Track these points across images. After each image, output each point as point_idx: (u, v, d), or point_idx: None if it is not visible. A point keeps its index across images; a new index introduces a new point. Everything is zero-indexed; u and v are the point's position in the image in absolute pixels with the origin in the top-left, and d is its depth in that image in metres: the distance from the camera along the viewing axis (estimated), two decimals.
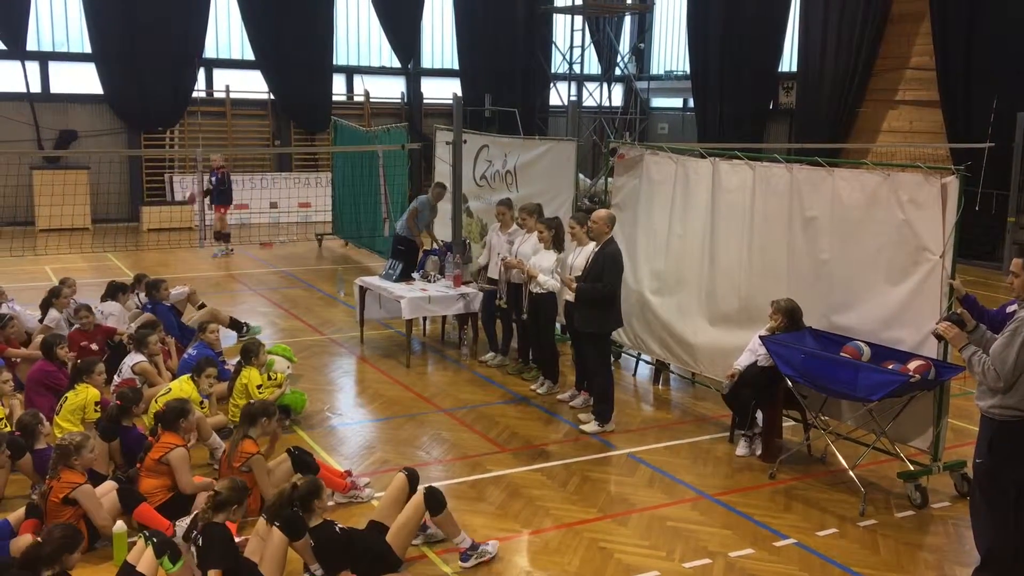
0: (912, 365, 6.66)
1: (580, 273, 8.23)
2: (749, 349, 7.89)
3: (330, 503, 6.63)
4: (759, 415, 7.89)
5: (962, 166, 6.86)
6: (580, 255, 8.41)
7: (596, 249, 8.17)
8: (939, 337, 5.83)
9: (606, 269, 8.03)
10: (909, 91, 19.28)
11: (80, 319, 9.23)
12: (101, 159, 18.88)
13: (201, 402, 7.75)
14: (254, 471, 6.40)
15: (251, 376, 8.02)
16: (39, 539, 5.21)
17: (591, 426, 8.29)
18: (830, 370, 6.91)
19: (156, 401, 7.49)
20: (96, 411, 7.28)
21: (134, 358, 8.46)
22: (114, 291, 10.23)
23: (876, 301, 7.24)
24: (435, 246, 12.26)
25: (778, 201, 8.06)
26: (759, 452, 7.78)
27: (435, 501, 5.81)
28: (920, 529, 6.57)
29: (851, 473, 7.02)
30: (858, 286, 7.39)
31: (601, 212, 8.30)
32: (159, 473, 6.29)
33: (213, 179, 16.41)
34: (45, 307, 9.80)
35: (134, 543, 5.55)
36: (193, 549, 5.25)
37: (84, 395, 7.36)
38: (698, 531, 6.41)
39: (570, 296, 8.41)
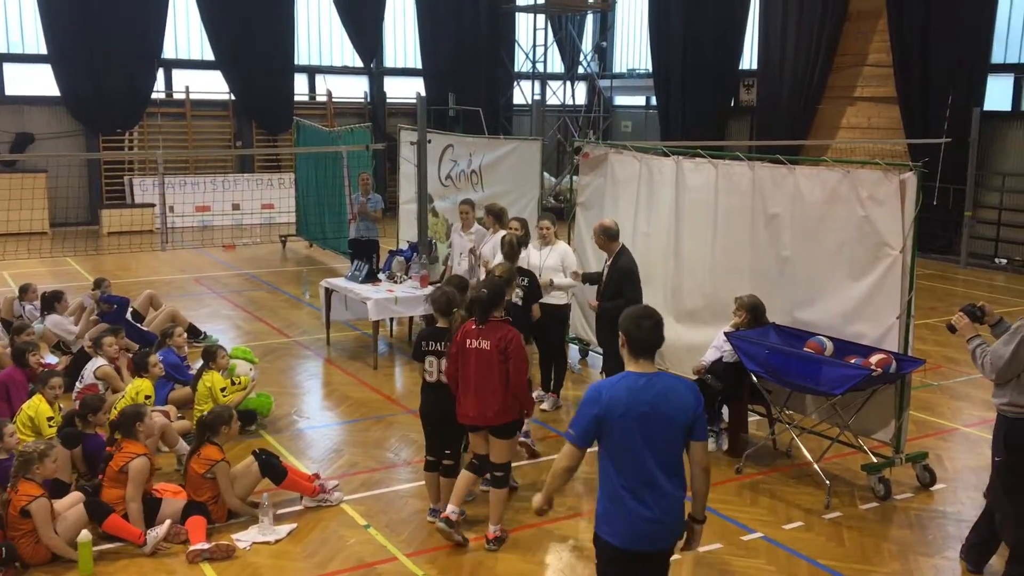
0: (874, 359, 6.76)
1: (551, 271, 8.28)
2: (714, 346, 7.96)
3: (299, 507, 6.63)
4: (725, 410, 7.97)
5: (920, 162, 6.97)
6: (551, 255, 8.45)
7: (608, 263, 7.97)
8: (952, 329, 5.77)
9: (624, 284, 7.75)
10: (867, 88, 19.54)
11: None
12: (59, 162, 18.61)
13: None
14: (218, 478, 6.34)
15: (214, 380, 7.94)
16: None
17: None
18: (794, 365, 7.00)
19: (116, 408, 7.39)
20: (50, 427, 7.03)
21: (95, 363, 8.35)
22: (50, 303, 10.05)
23: (838, 296, 7.34)
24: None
25: (741, 199, 8.14)
26: (725, 447, 7.86)
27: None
28: (884, 520, 6.67)
29: (816, 466, 7.11)
30: (820, 282, 7.49)
31: (595, 226, 8.10)
32: (122, 483, 6.18)
33: None
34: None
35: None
36: None
37: (35, 408, 7.13)
38: None
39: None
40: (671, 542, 4.20)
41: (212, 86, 21.36)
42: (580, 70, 25.50)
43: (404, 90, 23.40)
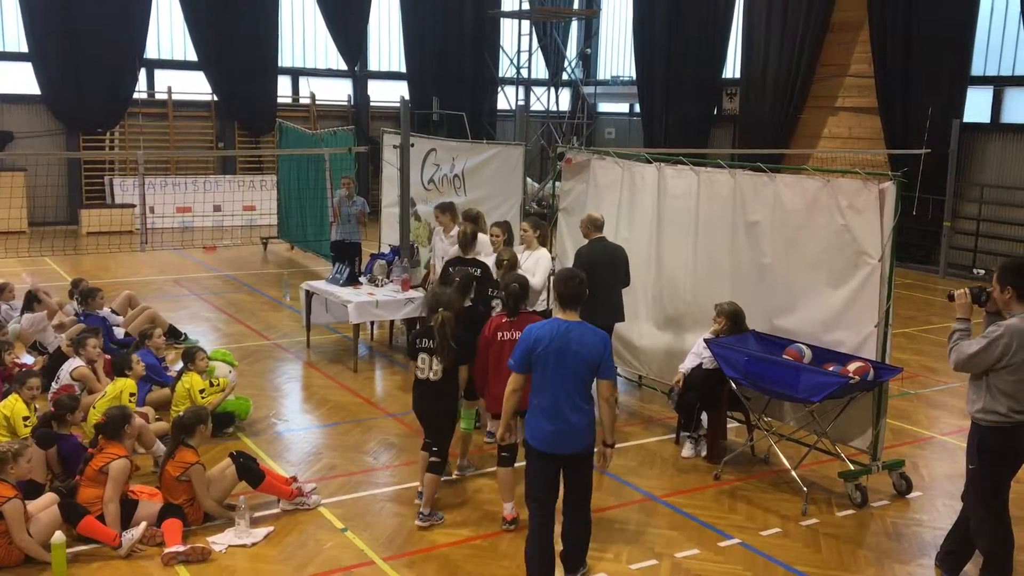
0: (852, 367, 6.81)
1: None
2: (694, 352, 7.99)
3: (276, 510, 6.59)
4: (704, 417, 8.00)
5: (899, 172, 7.02)
6: (530, 259, 8.44)
7: None
8: (951, 297, 5.71)
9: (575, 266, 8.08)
10: (848, 98, 19.69)
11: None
12: (38, 161, 18.43)
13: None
14: (193, 481, 6.29)
15: (193, 381, 7.91)
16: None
17: None
18: (773, 372, 7.03)
19: (95, 407, 7.33)
20: (26, 427, 6.95)
21: (72, 363, 8.28)
22: (29, 302, 9.99)
23: (817, 304, 7.38)
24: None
25: (722, 206, 8.18)
26: (704, 453, 7.88)
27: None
28: (860, 527, 6.70)
29: (793, 473, 7.15)
30: (799, 289, 7.53)
31: (583, 217, 8.58)
32: (100, 483, 6.12)
33: None
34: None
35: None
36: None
37: (11, 407, 7.05)
38: (644, 532, 6.48)
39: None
40: (575, 449, 5.31)
41: (195, 87, 21.25)
42: (564, 76, 25.57)
43: (388, 93, 23.38)
